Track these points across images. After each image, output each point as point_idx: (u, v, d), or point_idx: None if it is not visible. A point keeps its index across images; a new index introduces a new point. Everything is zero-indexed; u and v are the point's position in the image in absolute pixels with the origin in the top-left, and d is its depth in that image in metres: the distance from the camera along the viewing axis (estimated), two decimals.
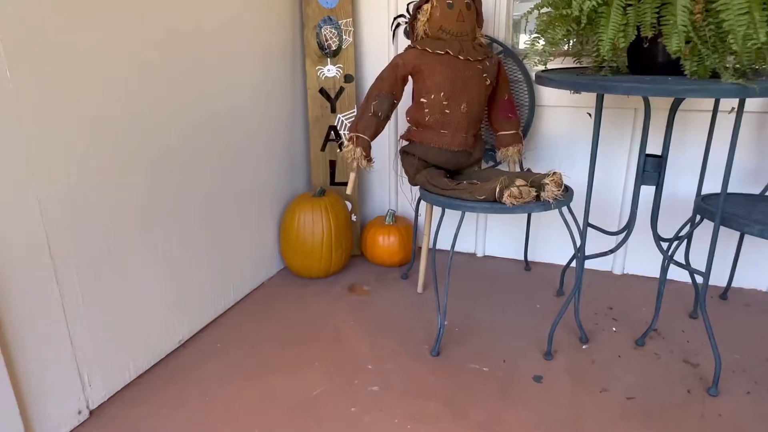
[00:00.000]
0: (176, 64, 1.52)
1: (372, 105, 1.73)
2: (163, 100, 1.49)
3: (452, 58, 1.68)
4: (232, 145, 1.81)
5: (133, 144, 1.40)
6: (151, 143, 1.46)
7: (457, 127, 1.72)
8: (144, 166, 1.44)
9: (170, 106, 1.52)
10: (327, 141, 2.23)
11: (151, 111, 1.45)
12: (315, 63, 2.15)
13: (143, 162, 1.44)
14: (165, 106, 1.50)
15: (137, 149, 1.41)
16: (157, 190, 1.49)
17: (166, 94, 1.50)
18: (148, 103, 1.43)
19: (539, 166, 2.10)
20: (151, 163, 1.47)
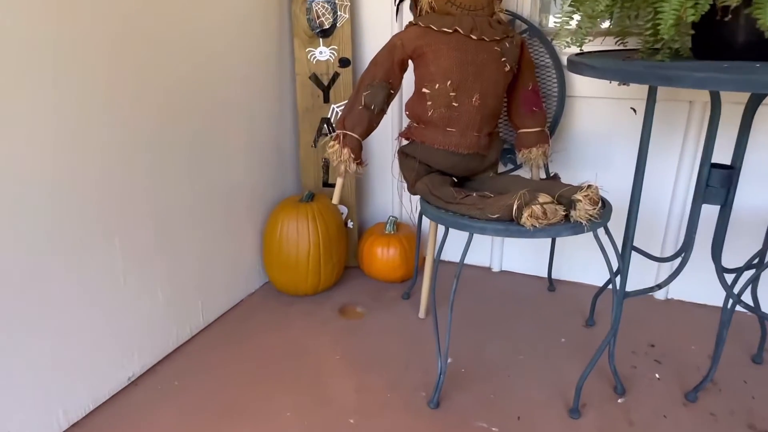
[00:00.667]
0: (131, 41, 1.22)
1: (363, 96, 1.41)
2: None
3: (463, 37, 1.34)
4: (203, 138, 1.51)
5: (75, 138, 1.12)
6: (98, 133, 1.18)
7: (468, 125, 1.39)
8: (91, 159, 1.16)
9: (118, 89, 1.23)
10: (319, 136, 1.92)
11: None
12: (305, 44, 1.84)
13: (87, 155, 1.15)
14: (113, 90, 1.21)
15: (73, 144, 1.13)
16: (104, 187, 1.21)
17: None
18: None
19: (568, 171, 1.76)
20: (97, 155, 1.18)
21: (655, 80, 0.89)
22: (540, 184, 1.34)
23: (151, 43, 1.31)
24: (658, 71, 0.89)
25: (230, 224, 1.70)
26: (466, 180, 1.51)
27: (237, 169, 1.70)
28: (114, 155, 1.25)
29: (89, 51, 1.16)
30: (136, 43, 1.27)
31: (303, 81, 1.86)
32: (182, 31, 1.40)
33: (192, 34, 1.44)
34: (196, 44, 1.46)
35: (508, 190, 1.36)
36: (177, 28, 1.39)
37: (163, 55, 1.35)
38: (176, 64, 1.40)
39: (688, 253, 1.22)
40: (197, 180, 1.53)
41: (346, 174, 1.45)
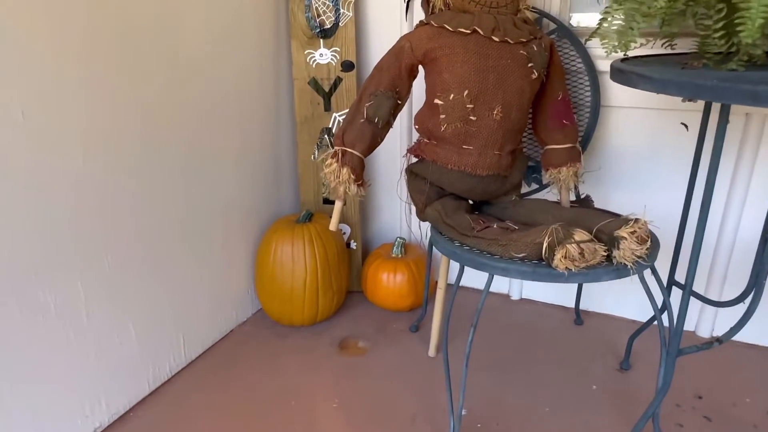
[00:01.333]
0: (111, 45, 1.04)
1: (365, 107, 1.22)
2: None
3: (483, 39, 1.14)
4: (188, 151, 1.33)
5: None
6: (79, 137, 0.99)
7: (487, 142, 1.18)
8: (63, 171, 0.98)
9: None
10: (319, 147, 1.72)
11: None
12: (303, 45, 1.64)
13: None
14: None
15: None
16: (77, 205, 1.03)
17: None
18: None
19: (601, 192, 1.54)
20: (60, 168, 1.00)
21: (738, 98, 0.68)
22: (572, 213, 1.14)
23: (131, 44, 1.12)
24: (742, 86, 0.68)
25: (219, 246, 1.51)
26: (484, 204, 1.31)
27: (228, 184, 1.51)
28: (82, 166, 1.07)
29: (67, 59, 0.98)
30: (116, 46, 1.09)
31: (301, 87, 1.67)
32: (167, 31, 1.22)
33: (178, 35, 1.25)
34: (182, 45, 1.27)
35: (535, 219, 1.16)
36: (161, 28, 1.20)
37: (145, 57, 1.17)
38: (159, 67, 1.21)
39: (756, 301, 1.00)
40: (182, 196, 1.35)
41: (346, 196, 1.25)
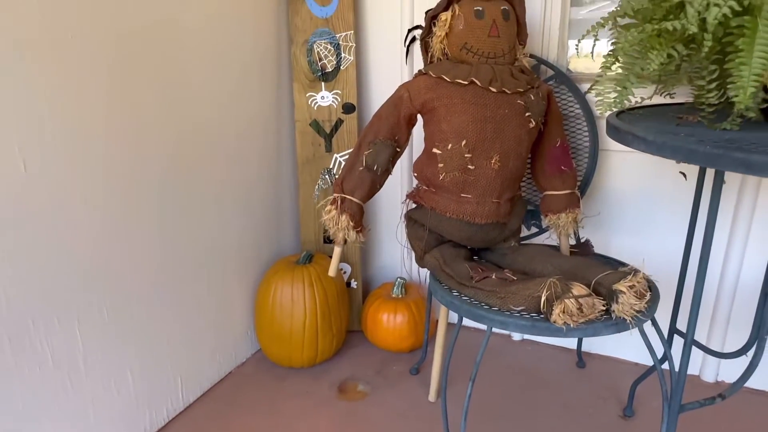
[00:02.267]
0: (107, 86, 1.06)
1: (364, 156, 1.23)
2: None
3: (481, 90, 1.15)
4: (189, 190, 1.34)
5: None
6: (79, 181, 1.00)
7: (486, 191, 1.19)
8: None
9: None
10: (320, 188, 1.73)
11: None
12: (305, 88, 1.67)
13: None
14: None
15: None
16: (76, 250, 1.04)
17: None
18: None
19: (601, 236, 1.54)
20: (56, 207, 1.01)
21: (731, 165, 0.68)
22: (571, 263, 1.13)
23: (129, 86, 1.15)
24: (735, 154, 0.68)
25: (219, 286, 1.51)
26: (483, 250, 1.31)
27: (228, 224, 1.52)
28: (83, 214, 1.08)
29: (85, 116, 1.00)
30: (113, 88, 1.11)
31: (303, 128, 1.69)
32: (171, 71, 1.24)
33: (182, 77, 1.28)
34: (183, 86, 1.29)
35: (534, 268, 1.16)
36: (165, 67, 1.22)
37: (146, 91, 1.19)
38: (177, 120, 1.23)
39: (758, 355, 0.99)
40: (182, 237, 1.35)
41: (345, 242, 1.26)
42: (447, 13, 1.21)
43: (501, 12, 1.19)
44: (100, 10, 1.08)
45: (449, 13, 1.21)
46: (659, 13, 0.87)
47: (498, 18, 1.19)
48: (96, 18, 1.07)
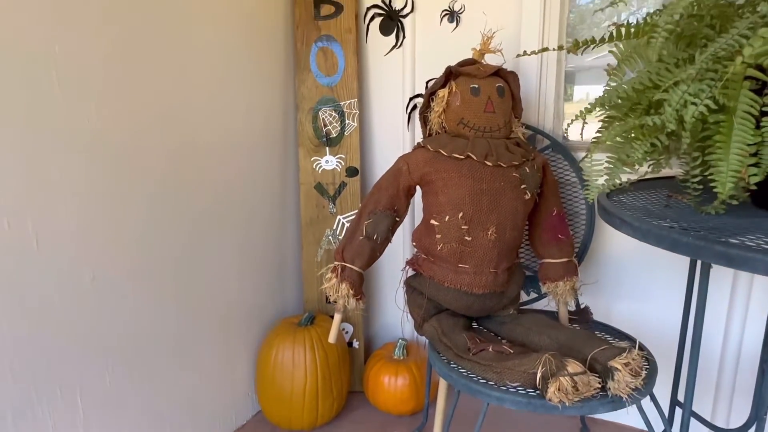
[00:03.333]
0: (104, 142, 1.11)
1: (364, 225, 1.26)
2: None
3: (476, 163, 1.19)
4: (193, 251, 1.37)
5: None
6: None
7: (483, 261, 1.21)
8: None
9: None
10: (323, 248, 1.76)
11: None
12: (310, 153, 1.72)
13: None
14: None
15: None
16: (80, 321, 1.06)
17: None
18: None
19: (600, 301, 1.54)
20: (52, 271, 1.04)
21: (713, 258, 0.71)
22: (567, 336, 1.14)
23: (137, 142, 1.20)
24: (716, 247, 0.70)
25: (221, 347, 1.52)
26: (482, 318, 1.32)
27: (232, 285, 1.54)
28: (88, 285, 1.11)
29: (64, 152, 1.05)
30: (122, 145, 1.16)
31: (307, 191, 1.74)
32: (175, 130, 1.30)
33: (187, 137, 1.33)
34: (189, 147, 1.34)
35: (531, 340, 1.17)
36: (169, 124, 1.28)
37: (148, 154, 1.24)
38: (166, 168, 1.28)
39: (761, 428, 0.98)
40: (183, 298, 1.37)
41: (345, 309, 1.27)
42: (444, 90, 1.27)
43: (496, 89, 1.25)
44: (116, 98, 1.14)
45: (446, 90, 1.27)
46: (644, 102, 0.92)
47: (493, 95, 1.24)
48: (113, 106, 1.14)
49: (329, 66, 1.69)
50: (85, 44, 1.07)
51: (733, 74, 0.71)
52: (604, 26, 1.52)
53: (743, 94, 0.73)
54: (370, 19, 1.70)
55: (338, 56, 1.68)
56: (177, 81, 1.30)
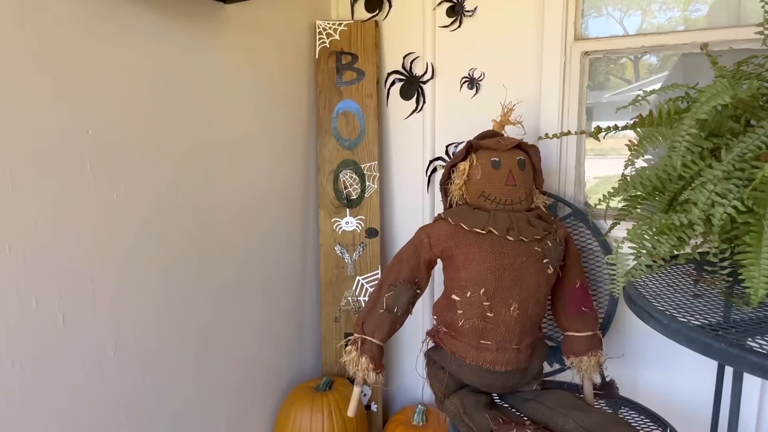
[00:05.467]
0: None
1: (385, 298, 1.26)
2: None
3: (498, 238, 1.19)
4: (215, 314, 1.38)
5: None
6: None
7: (505, 338, 1.19)
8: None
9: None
10: (342, 309, 1.76)
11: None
12: (330, 214, 1.74)
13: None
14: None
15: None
16: (102, 394, 1.06)
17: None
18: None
19: (626, 372, 1.50)
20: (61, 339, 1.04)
21: (747, 368, 0.68)
22: (594, 419, 1.10)
23: (163, 229, 1.22)
24: (751, 357, 0.68)
25: (238, 414, 1.51)
26: (505, 394, 1.29)
27: (251, 348, 1.54)
28: (108, 358, 1.12)
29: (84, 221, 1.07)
30: (141, 222, 1.18)
31: (327, 251, 1.75)
32: (195, 196, 1.32)
33: (208, 201, 1.35)
34: (211, 211, 1.36)
35: (556, 422, 1.13)
36: (190, 192, 1.30)
37: (173, 228, 1.26)
38: (188, 235, 1.30)
39: None
40: (202, 363, 1.37)
41: (365, 382, 1.26)
42: (465, 163, 1.28)
43: (517, 162, 1.25)
44: (141, 166, 1.18)
45: (467, 163, 1.28)
46: (669, 189, 0.91)
47: (514, 168, 1.25)
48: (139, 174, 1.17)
49: (350, 129, 1.72)
50: (116, 125, 1.11)
51: (761, 179, 0.70)
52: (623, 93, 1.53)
53: None
54: (390, 84, 1.74)
55: (359, 120, 1.71)
56: (202, 148, 1.33)
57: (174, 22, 1.23)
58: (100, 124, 1.08)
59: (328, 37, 1.71)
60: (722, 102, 0.74)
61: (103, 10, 1.08)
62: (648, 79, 1.51)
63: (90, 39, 1.06)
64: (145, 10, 1.16)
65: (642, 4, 1.44)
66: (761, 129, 0.76)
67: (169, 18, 1.22)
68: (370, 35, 1.70)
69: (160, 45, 1.20)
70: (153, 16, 1.18)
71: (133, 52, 1.14)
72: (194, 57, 1.29)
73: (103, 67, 1.09)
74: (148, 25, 1.17)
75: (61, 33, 1.01)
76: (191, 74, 1.29)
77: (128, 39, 1.13)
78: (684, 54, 1.39)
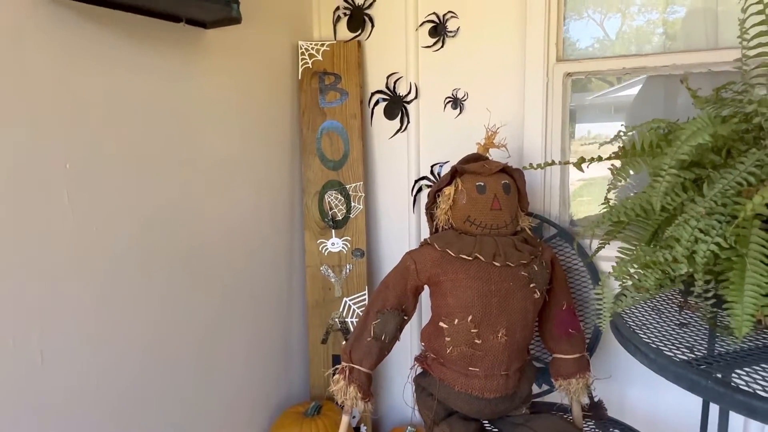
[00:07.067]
0: None
1: (373, 326, 1.25)
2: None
3: (485, 264, 1.19)
4: (204, 336, 1.35)
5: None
6: None
7: (494, 364, 1.19)
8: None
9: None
10: (329, 331, 1.74)
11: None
12: (316, 235, 1.73)
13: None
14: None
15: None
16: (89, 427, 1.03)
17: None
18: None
19: (614, 394, 1.50)
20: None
21: (734, 407, 0.69)
22: None
23: (148, 256, 1.20)
24: (738, 396, 0.68)
25: None
26: (494, 420, 1.28)
27: (239, 372, 1.52)
28: (90, 392, 1.09)
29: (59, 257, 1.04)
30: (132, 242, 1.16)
31: (313, 273, 1.73)
32: (182, 219, 1.30)
33: (193, 223, 1.33)
34: (195, 233, 1.34)
35: None
36: (177, 216, 1.28)
37: (159, 256, 1.23)
38: (174, 264, 1.28)
39: None
40: (190, 394, 1.35)
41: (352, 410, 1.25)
42: (450, 188, 1.28)
43: (502, 186, 1.25)
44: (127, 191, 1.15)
45: (452, 188, 1.28)
46: (652, 221, 0.92)
47: (499, 192, 1.25)
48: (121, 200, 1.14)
49: (334, 150, 1.71)
50: (95, 157, 1.09)
51: (743, 218, 0.70)
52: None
53: (754, 234, 0.73)
54: (374, 103, 1.73)
55: (343, 140, 1.70)
56: (185, 174, 1.31)
57: (154, 51, 1.21)
58: (79, 156, 1.06)
59: (311, 58, 1.70)
60: (702, 141, 0.74)
61: (82, 41, 1.06)
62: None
63: (69, 70, 1.04)
64: (124, 40, 1.14)
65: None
66: (742, 164, 0.77)
67: (149, 47, 1.20)
68: (353, 55, 1.70)
69: (140, 74, 1.18)
70: (133, 46, 1.16)
71: (113, 83, 1.12)
72: (175, 85, 1.27)
73: (83, 98, 1.07)
74: (129, 55, 1.15)
75: (39, 64, 0.99)
76: (173, 102, 1.27)
77: (108, 69, 1.11)
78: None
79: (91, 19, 1.07)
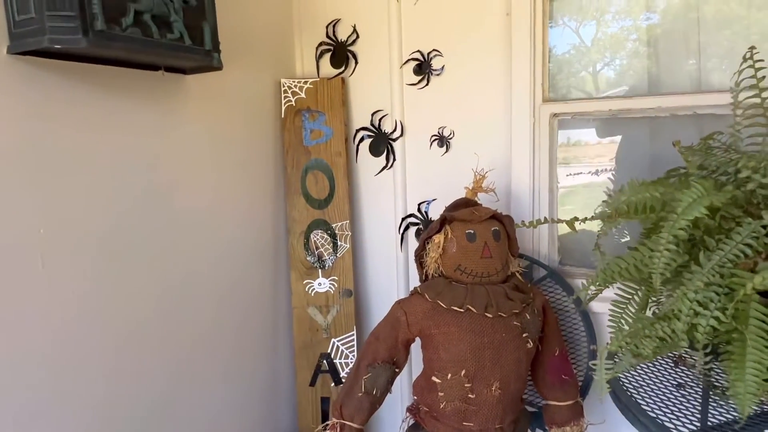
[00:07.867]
0: None
1: (363, 380, 1.22)
2: None
3: (477, 316, 1.17)
4: (181, 379, 1.30)
5: None
6: None
7: (488, 419, 1.17)
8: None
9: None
10: (318, 373, 1.70)
11: None
12: (302, 276, 1.69)
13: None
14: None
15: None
16: None
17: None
18: None
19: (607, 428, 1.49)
20: None
21: None
22: None
23: (126, 288, 1.15)
24: None
25: None
26: None
27: (222, 414, 1.47)
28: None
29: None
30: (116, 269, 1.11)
31: (300, 314, 1.69)
32: (163, 265, 1.26)
33: (180, 257, 1.29)
34: (177, 270, 1.30)
35: None
36: (158, 261, 1.24)
37: (136, 274, 1.19)
38: (153, 305, 1.23)
39: None
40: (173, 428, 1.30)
41: None
42: (440, 236, 1.26)
43: (492, 233, 1.24)
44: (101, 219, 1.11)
45: (442, 236, 1.25)
46: (641, 301, 0.91)
47: (489, 239, 1.23)
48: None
49: (320, 189, 1.68)
50: (72, 219, 1.05)
51: (743, 296, 0.69)
52: None
53: (753, 308, 0.72)
54: (360, 140, 1.71)
55: (329, 179, 1.67)
56: (166, 224, 1.27)
57: (132, 103, 1.17)
58: (54, 220, 1.02)
59: (294, 95, 1.67)
60: (699, 214, 0.73)
61: (52, 99, 1.01)
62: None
63: (43, 128, 0.99)
64: (99, 94, 1.10)
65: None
66: (738, 236, 0.76)
67: (126, 98, 1.16)
68: (337, 92, 1.67)
69: (120, 129, 1.15)
70: (108, 101, 1.12)
71: (90, 138, 1.08)
72: (153, 137, 1.24)
73: (58, 157, 1.02)
74: (104, 111, 1.11)
75: (8, 123, 0.94)
76: (151, 155, 1.23)
77: (85, 126, 1.07)
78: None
79: (63, 74, 1.03)
